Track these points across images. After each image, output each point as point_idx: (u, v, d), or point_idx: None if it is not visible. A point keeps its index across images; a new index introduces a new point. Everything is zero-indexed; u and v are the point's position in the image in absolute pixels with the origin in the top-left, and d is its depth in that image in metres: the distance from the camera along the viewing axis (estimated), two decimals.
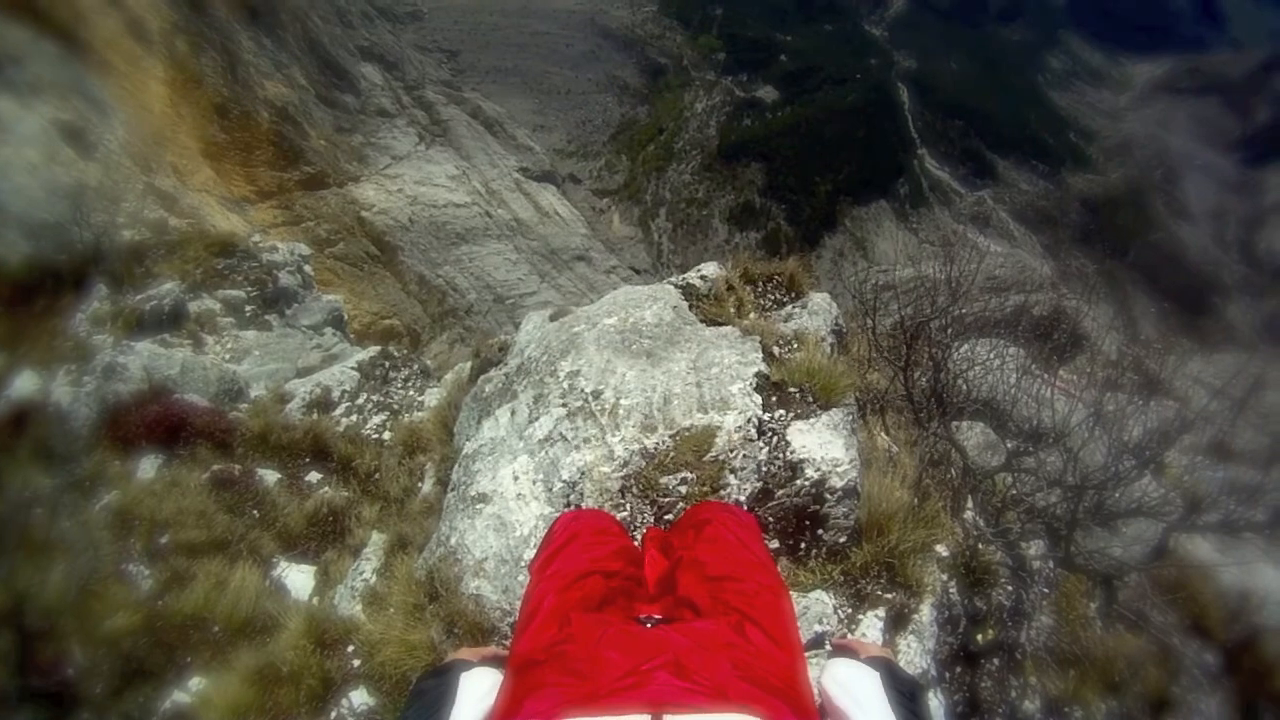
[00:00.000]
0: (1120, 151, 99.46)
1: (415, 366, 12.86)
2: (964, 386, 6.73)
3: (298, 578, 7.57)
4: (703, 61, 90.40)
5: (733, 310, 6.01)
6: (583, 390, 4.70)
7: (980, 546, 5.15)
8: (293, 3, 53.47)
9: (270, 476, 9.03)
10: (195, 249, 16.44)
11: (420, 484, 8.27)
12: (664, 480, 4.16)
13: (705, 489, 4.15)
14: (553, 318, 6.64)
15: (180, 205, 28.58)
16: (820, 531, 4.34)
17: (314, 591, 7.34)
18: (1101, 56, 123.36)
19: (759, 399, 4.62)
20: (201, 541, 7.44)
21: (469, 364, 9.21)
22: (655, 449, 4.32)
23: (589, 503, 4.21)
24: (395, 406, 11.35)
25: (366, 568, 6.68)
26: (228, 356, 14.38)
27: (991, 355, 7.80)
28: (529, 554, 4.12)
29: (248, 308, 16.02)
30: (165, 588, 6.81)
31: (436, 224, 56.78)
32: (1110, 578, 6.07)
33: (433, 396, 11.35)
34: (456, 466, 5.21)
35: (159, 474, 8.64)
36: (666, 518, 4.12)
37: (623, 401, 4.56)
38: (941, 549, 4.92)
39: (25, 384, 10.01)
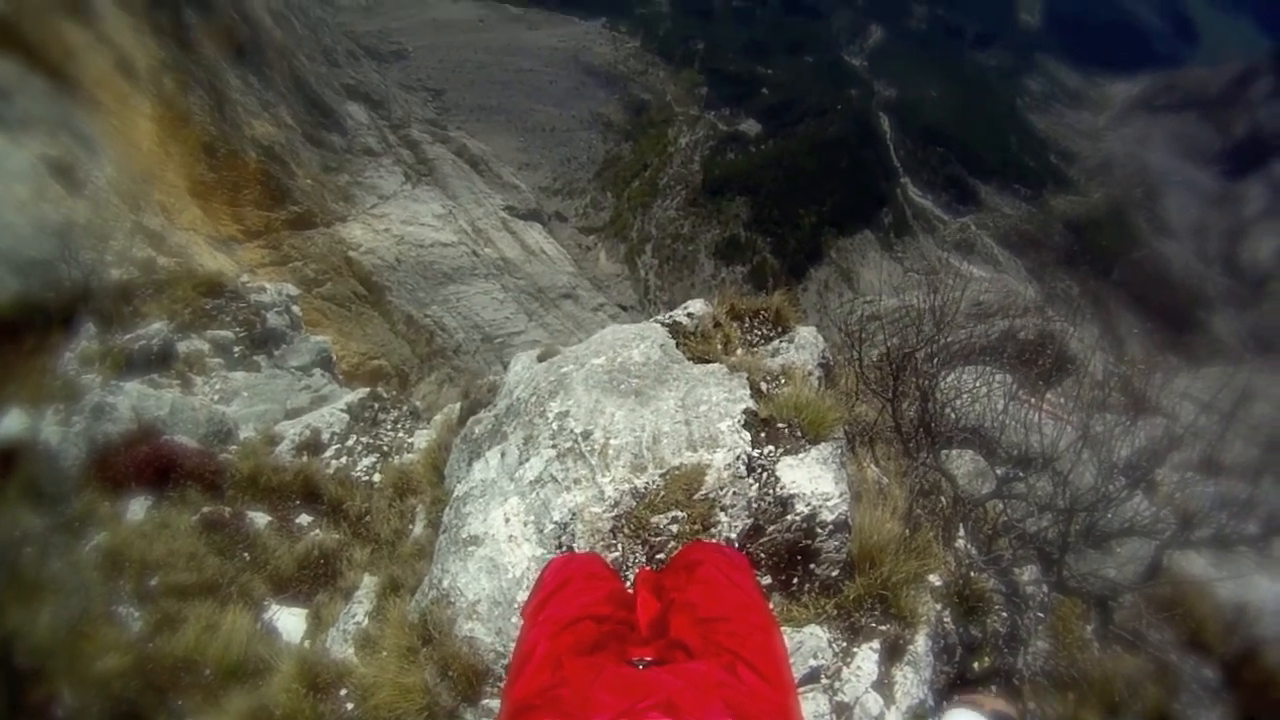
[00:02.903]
0: (1101, 171, 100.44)
1: (404, 408, 12.89)
2: (952, 415, 6.75)
3: (289, 621, 7.54)
4: (685, 96, 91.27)
5: (720, 347, 6.03)
6: (572, 431, 4.70)
7: (973, 574, 5.16)
8: (279, 41, 53.68)
9: (260, 519, 9.03)
10: (183, 289, 16.39)
11: (411, 526, 8.26)
12: (655, 520, 4.17)
13: (696, 527, 4.16)
14: (541, 358, 6.66)
15: (168, 244, 28.50)
16: (812, 566, 4.35)
17: (306, 634, 7.29)
18: (1079, 77, 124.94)
19: (748, 435, 4.62)
20: (192, 584, 7.39)
21: (458, 405, 9.25)
22: (646, 488, 4.32)
23: (580, 544, 4.21)
24: (385, 448, 11.35)
25: (358, 610, 6.64)
26: (216, 397, 14.30)
27: (978, 382, 7.80)
28: (522, 595, 4.12)
29: (236, 349, 15.90)
30: (156, 630, 6.74)
31: (423, 263, 56.76)
32: (1105, 599, 6.08)
33: (422, 438, 11.37)
34: (448, 509, 5.20)
35: (148, 515, 8.62)
36: (658, 557, 4.12)
37: (612, 441, 4.56)
38: (934, 579, 4.92)
39: (13, 423, 9.93)
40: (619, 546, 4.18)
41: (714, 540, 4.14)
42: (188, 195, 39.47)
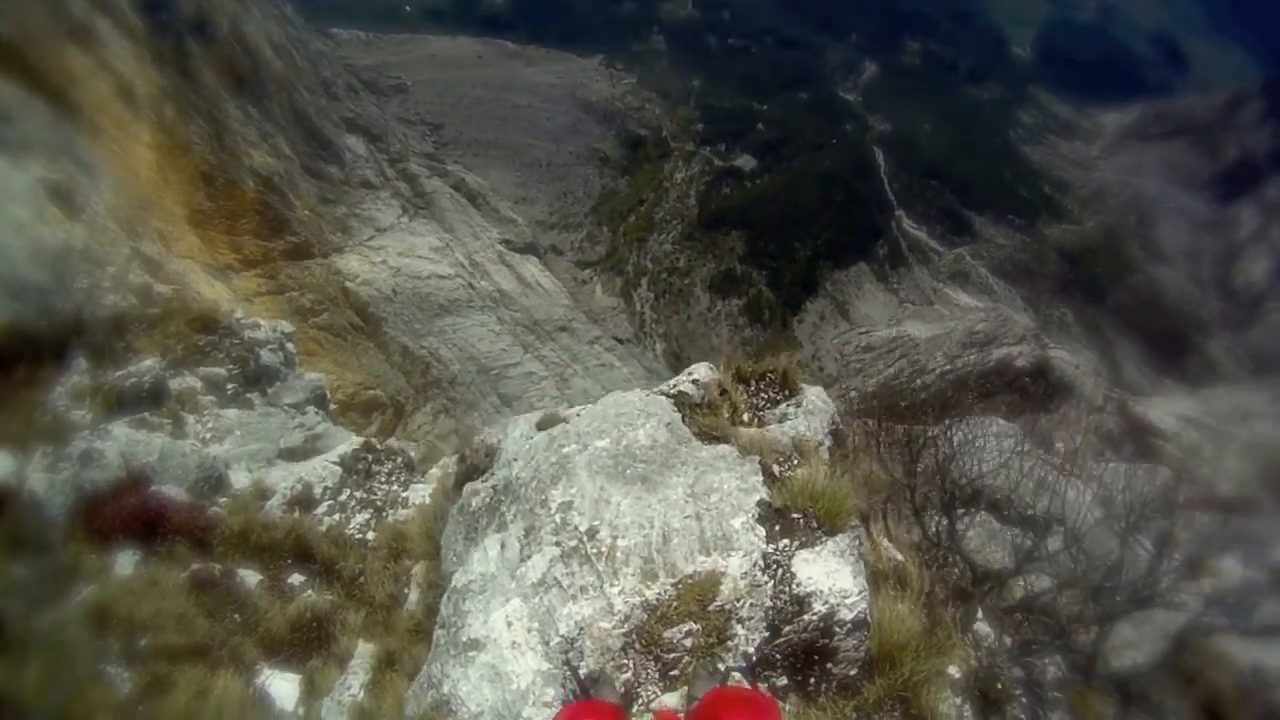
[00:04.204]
0: (1094, 200, 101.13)
1: (399, 460, 12.60)
2: (966, 484, 6.58)
3: (282, 686, 7.27)
4: (681, 132, 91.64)
5: (727, 417, 5.86)
6: (576, 528, 4.50)
7: (994, 663, 4.96)
8: (280, 73, 53.97)
9: (251, 578, 8.77)
10: (177, 324, 16.23)
11: (406, 590, 8.04)
12: (667, 634, 3.94)
13: (711, 640, 3.94)
14: (541, 425, 6.46)
15: (165, 271, 28.32)
16: (830, 665, 4.15)
17: (299, 702, 7.06)
18: (1071, 109, 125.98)
19: (762, 531, 4.44)
20: (181, 646, 7.10)
21: (453, 468, 9.02)
22: (657, 600, 4.10)
23: (590, 662, 3.98)
24: (379, 503, 11.10)
25: (354, 682, 6.50)
26: (209, 436, 14.08)
27: (986, 438, 7.63)
28: (528, 711, 3.91)
29: (229, 386, 15.76)
30: (145, 693, 6.48)
31: (420, 295, 56.79)
32: (1126, 681, 5.88)
33: (417, 493, 11.14)
34: (445, 600, 4.97)
35: (137, 571, 8.34)
36: (671, 674, 3.90)
37: (620, 542, 4.35)
38: (954, 670, 4.73)
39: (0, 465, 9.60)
40: (630, 665, 3.95)
41: (734, 662, 3.94)
42: (185, 223, 39.49)
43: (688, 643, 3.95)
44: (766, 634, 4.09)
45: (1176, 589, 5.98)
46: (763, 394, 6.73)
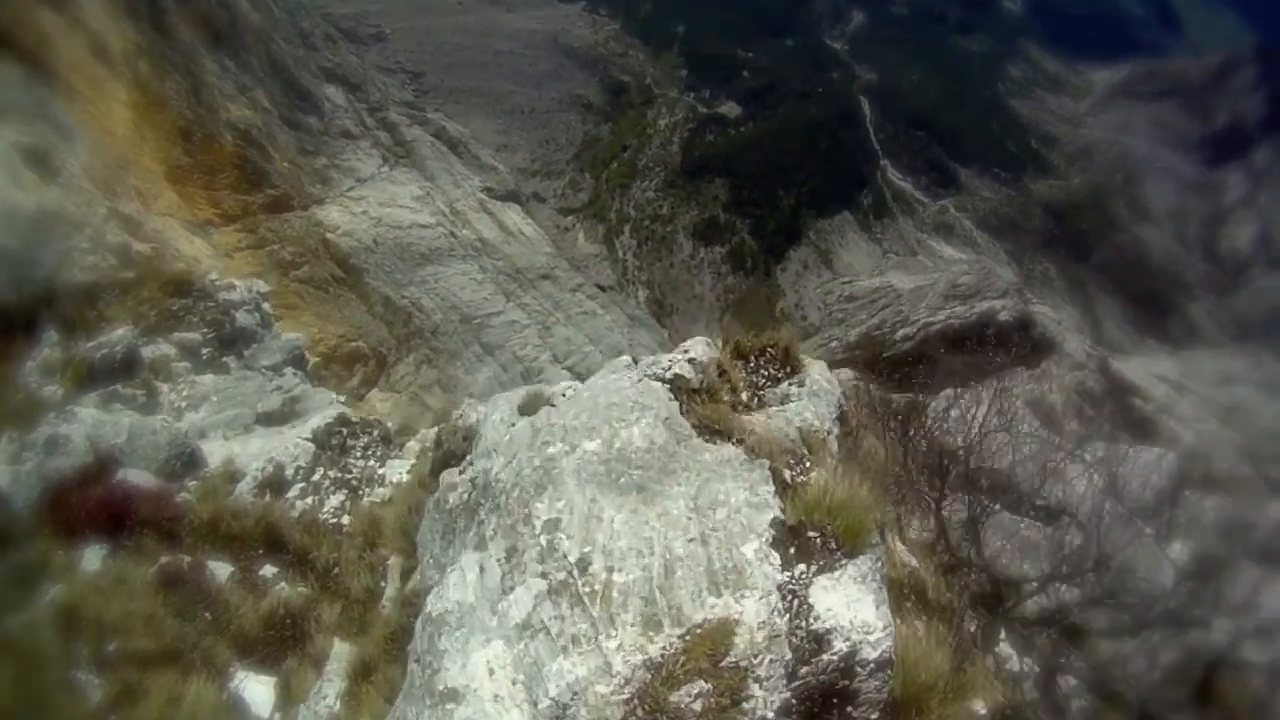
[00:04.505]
0: (1082, 156, 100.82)
1: (375, 433, 12.21)
2: (983, 477, 6.21)
3: (257, 689, 7.00)
4: (665, 79, 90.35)
5: (727, 402, 5.44)
6: (565, 555, 4.02)
7: (1020, 700, 4.60)
8: (257, 25, 52.73)
9: (222, 570, 8.40)
10: (150, 288, 15.94)
11: (383, 583, 7.70)
12: (674, 697, 3.43)
13: (724, 701, 3.45)
14: (523, 410, 6.06)
15: (144, 230, 27.83)
16: (850, 709, 3.74)
17: (275, 706, 6.80)
18: (1061, 64, 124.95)
19: (777, 559, 3.97)
20: (152, 650, 6.82)
21: (431, 448, 8.63)
22: (662, 655, 3.60)
23: None
24: (354, 482, 10.72)
25: (329, 690, 6.23)
26: (184, 405, 13.81)
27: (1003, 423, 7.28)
28: None
29: (204, 350, 15.45)
30: (116, 701, 6.26)
31: (401, 245, 56.19)
32: (1145, 701, 5.59)
33: (394, 469, 10.78)
34: (420, 628, 4.46)
35: (104, 565, 8.04)
36: None
37: (616, 577, 3.86)
38: (979, 706, 4.34)
39: None
40: None
41: None
42: (164, 180, 38.90)
43: (697, 706, 3.46)
44: (786, 694, 3.64)
45: (1207, 612, 5.68)
46: (763, 371, 6.36)
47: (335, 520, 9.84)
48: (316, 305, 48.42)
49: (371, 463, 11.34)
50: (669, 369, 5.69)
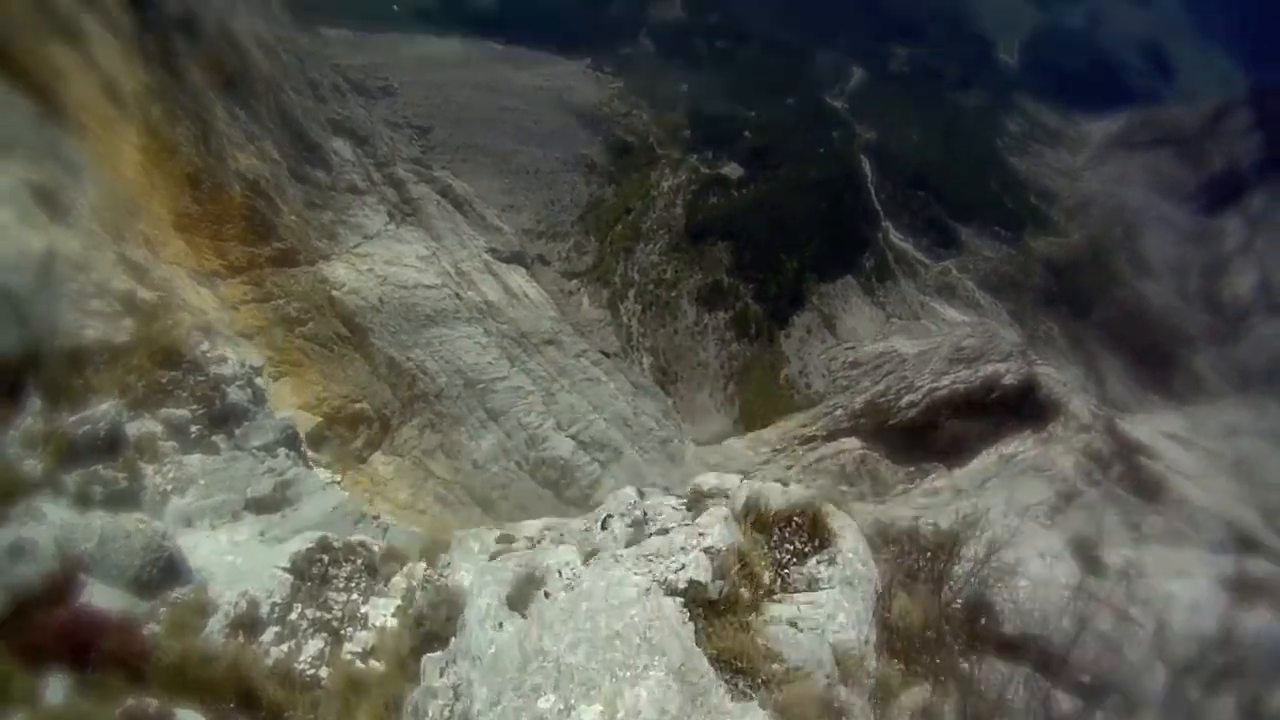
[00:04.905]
0: (1080, 210, 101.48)
1: (359, 561, 11.85)
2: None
3: None
4: (669, 139, 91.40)
5: (748, 600, 5.42)
6: None
7: None
8: (266, 73, 53.11)
9: None
10: (139, 357, 15.81)
11: None
12: None
13: None
14: (512, 603, 5.89)
15: (151, 277, 27.65)
16: None
17: None
18: (1057, 116, 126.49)
19: None
20: None
21: (410, 629, 8.39)
22: None
23: None
24: (334, 623, 10.35)
25: None
26: (169, 488, 13.64)
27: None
28: None
29: (193, 428, 15.27)
30: None
31: (406, 305, 56.31)
32: None
33: (378, 609, 10.50)
34: None
35: (68, 699, 7.77)
36: None
37: None
38: None
39: None
40: None
41: None
42: (171, 228, 38.71)
43: None
44: None
45: None
46: (787, 545, 6.33)
47: (313, 671, 9.48)
48: (321, 364, 48.45)
49: (355, 597, 11.04)
50: (684, 568, 5.51)
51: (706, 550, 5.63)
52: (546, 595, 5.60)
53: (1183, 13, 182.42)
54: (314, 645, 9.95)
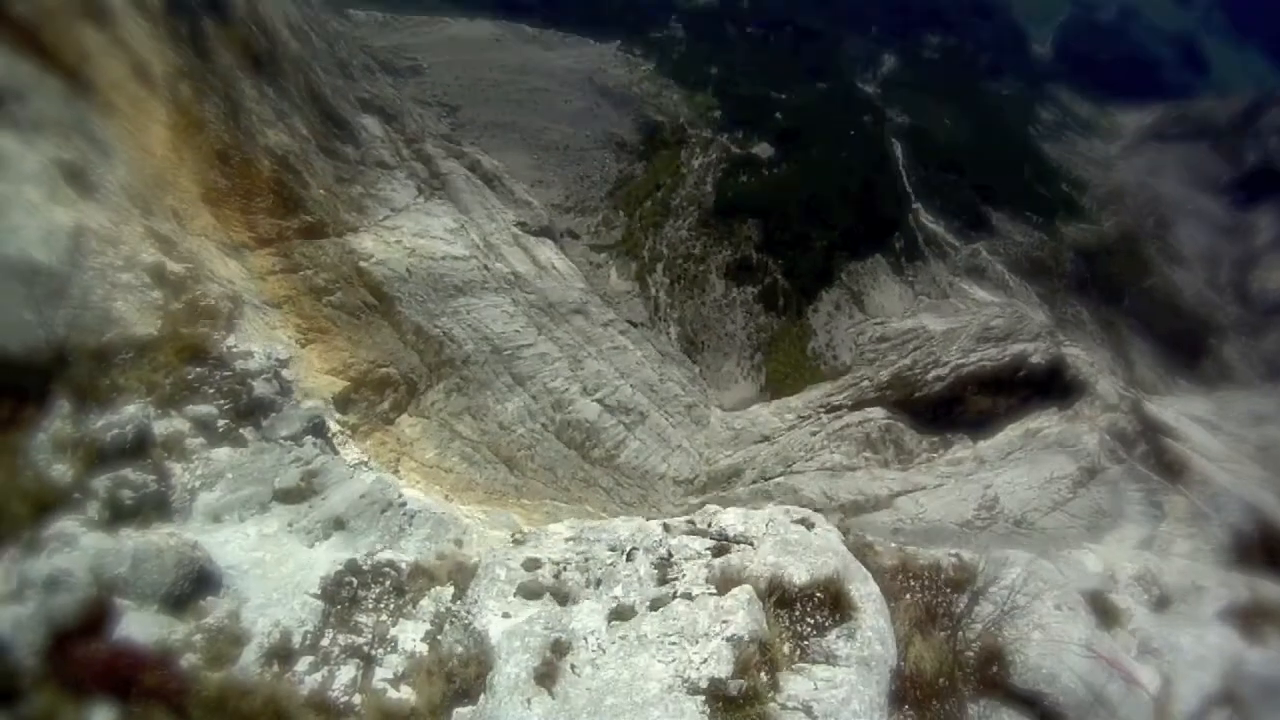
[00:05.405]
0: (1112, 200, 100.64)
1: (387, 581, 12.02)
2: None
3: None
4: (699, 119, 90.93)
5: (766, 691, 5.26)
6: None
7: None
8: (296, 53, 53.67)
9: None
10: (165, 354, 15.88)
11: None
12: None
13: None
14: (539, 678, 5.93)
15: (179, 249, 27.99)
16: None
17: None
18: (1090, 106, 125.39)
19: None
20: None
21: (441, 684, 8.52)
22: None
23: None
24: (365, 646, 10.46)
25: None
26: (198, 484, 13.75)
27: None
28: None
29: (220, 423, 15.37)
30: None
31: (434, 275, 56.62)
32: None
33: (407, 632, 10.63)
34: None
35: None
36: None
37: None
38: None
39: None
40: None
41: None
42: (200, 202, 39.10)
43: None
44: None
45: None
46: (808, 619, 6.29)
47: (346, 699, 9.64)
48: (348, 331, 48.82)
49: (384, 618, 11.17)
50: (705, 663, 5.49)
51: (729, 639, 5.61)
52: (574, 669, 5.64)
53: (1218, 9, 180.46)
54: (346, 672, 10.11)
